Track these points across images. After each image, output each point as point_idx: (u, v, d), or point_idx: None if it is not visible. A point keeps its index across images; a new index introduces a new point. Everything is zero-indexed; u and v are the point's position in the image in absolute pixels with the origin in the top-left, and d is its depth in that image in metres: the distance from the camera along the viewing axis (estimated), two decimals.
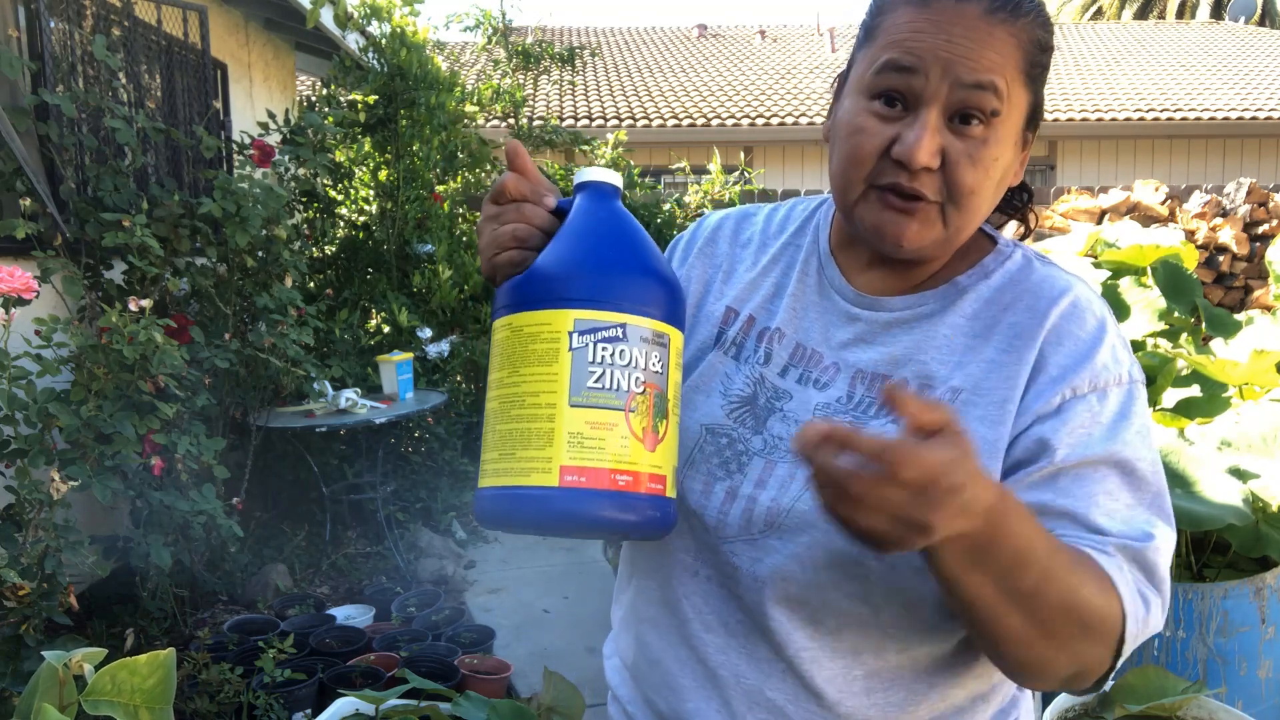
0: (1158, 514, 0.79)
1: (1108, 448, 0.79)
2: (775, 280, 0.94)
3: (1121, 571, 0.75)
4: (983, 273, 0.87)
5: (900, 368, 0.84)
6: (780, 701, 0.84)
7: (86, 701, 0.76)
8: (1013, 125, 0.81)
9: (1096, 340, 0.82)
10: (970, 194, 0.80)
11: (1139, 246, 3.49)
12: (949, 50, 0.77)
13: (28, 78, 3.13)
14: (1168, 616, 2.34)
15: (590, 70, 13.52)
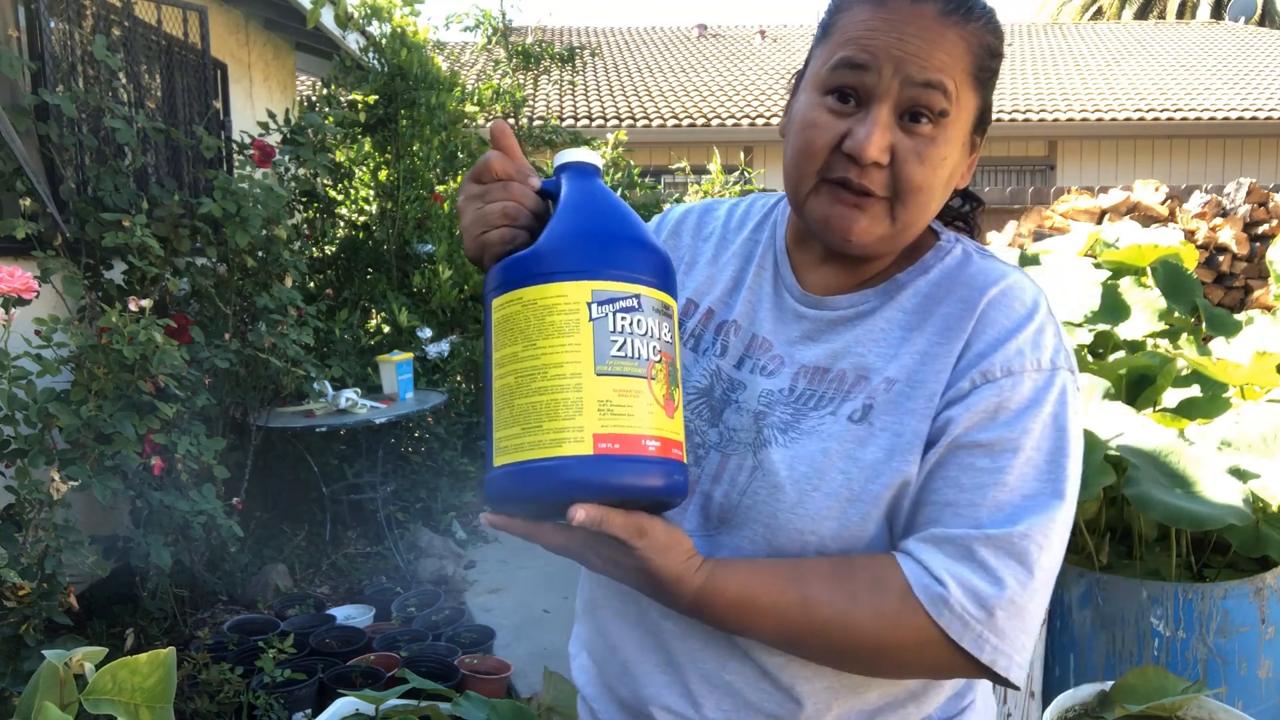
0: (1051, 498, 0.79)
1: (1004, 433, 0.79)
2: (734, 274, 0.96)
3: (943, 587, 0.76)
4: (922, 268, 0.89)
5: (839, 361, 0.87)
6: (737, 684, 0.86)
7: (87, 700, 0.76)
8: (961, 127, 0.83)
9: (1019, 327, 0.83)
10: (917, 191, 0.81)
11: (1139, 246, 3.49)
12: (901, 49, 0.79)
13: (28, 78, 3.13)
14: (1167, 617, 2.34)
15: (590, 70, 13.52)
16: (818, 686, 0.85)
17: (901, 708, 0.87)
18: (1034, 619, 0.79)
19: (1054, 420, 0.81)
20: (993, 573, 0.76)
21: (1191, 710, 2.07)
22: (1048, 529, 0.78)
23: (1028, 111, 11.88)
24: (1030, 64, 14.33)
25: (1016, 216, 6.67)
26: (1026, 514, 0.78)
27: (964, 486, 0.79)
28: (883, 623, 0.77)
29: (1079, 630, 2.46)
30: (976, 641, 0.76)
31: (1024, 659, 0.78)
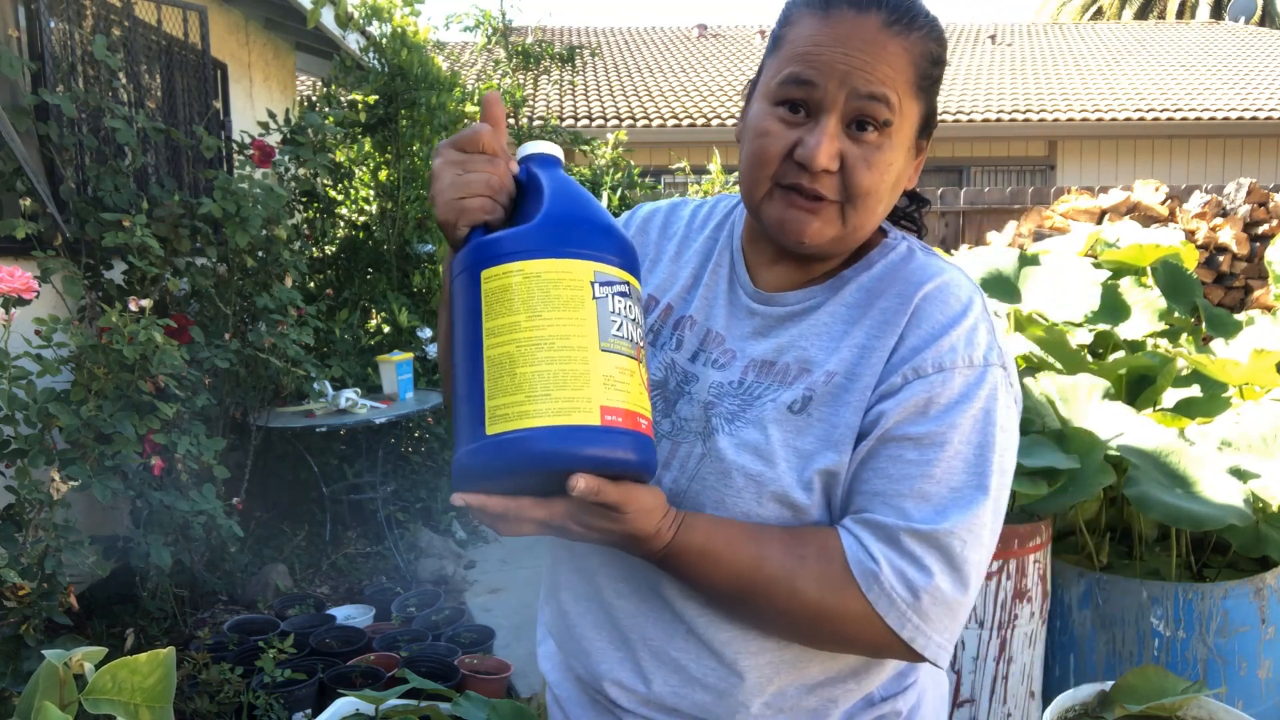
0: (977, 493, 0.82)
1: (933, 428, 0.83)
2: (693, 271, 1.01)
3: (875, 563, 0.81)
4: (867, 264, 0.93)
5: (784, 354, 0.91)
6: (684, 660, 0.90)
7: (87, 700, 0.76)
8: (905, 134, 0.88)
9: (952, 323, 0.86)
10: (866, 194, 0.86)
11: (1139, 246, 3.49)
12: (846, 63, 0.84)
13: (28, 78, 3.13)
14: (1167, 617, 2.34)
15: (590, 70, 13.52)
16: (760, 661, 0.88)
17: (842, 683, 0.91)
18: (961, 608, 0.83)
19: (984, 415, 0.84)
20: (918, 561, 0.81)
21: (1191, 710, 2.07)
22: (972, 525, 0.81)
23: (1028, 111, 11.88)
24: (1030, 64, 14.33)
25: (1016, 216, 6.67)
26: (953, 509, 0.81)
27: (892, 477, 0.83)
28: (824, 588, 0.81)
29: (1079, 630, 2.46)
30: (900, 619, 0.81)
31: (946, 641, 0.83)
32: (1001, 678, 2.34)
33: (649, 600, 0.91)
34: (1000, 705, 2.35)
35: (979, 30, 16.92)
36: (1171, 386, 2.93)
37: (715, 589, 0.84)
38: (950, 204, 7.77)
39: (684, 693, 0.90)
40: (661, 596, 0.91)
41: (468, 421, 0.76)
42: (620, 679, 0.93)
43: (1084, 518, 2.70)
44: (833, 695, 0.91)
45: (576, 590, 0.98)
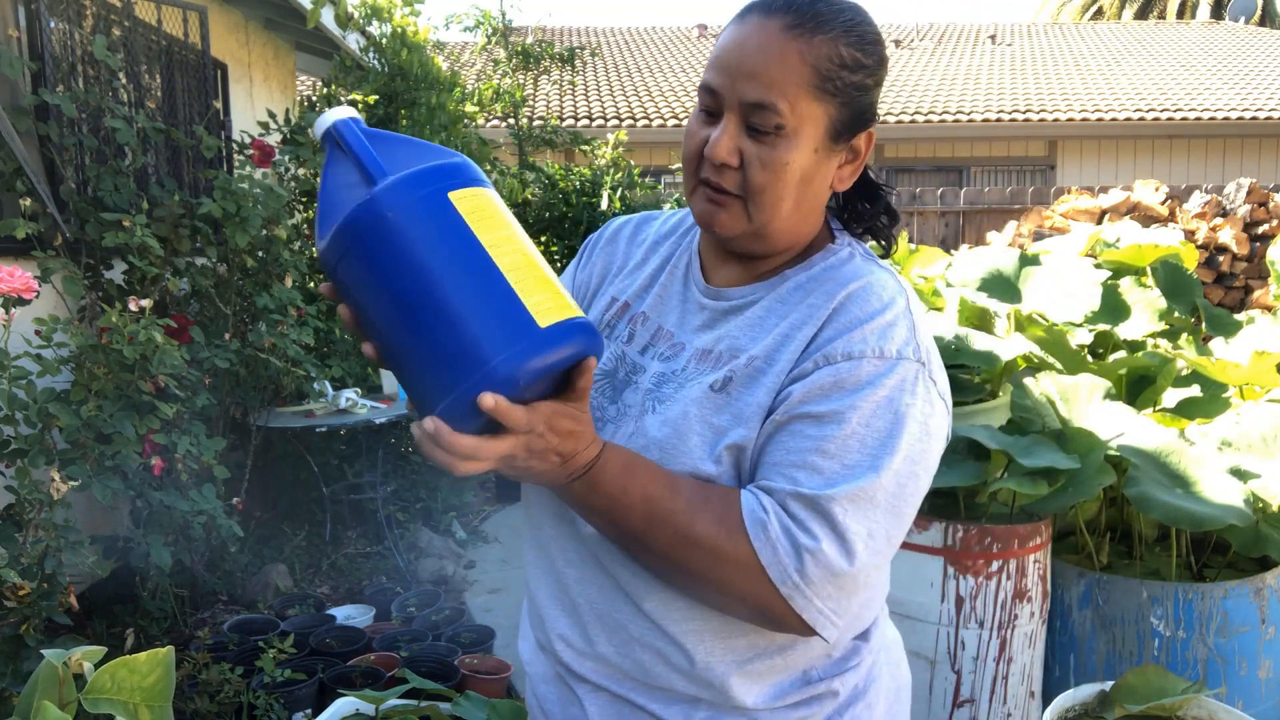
0: (869, 471, 0.86)
1: (834, 406, 0.87)
2: (652, 272, 1.07)
3: (765, 514, 0.85)
4: (808, 265, 0.98)
5: (719, 343, 0.97)
6: (624, 621, 0.96)
7: (86, 700, 0.76)
8: (806, 136, 0.91)
9: (868, 318, 0.91)
10: (761, 191, 0.91)
11: (1139, 246, 3.50)
12: (739, 68, 0.90)
13: (28, 78, 3.13)
14: (1167, 617, 2.34)
15: (590, 70, 13.51)
16: (686, 629, 0.93)
17: (769, 658, 0.95)
18: (849, 580, 0.85)
19: (887, 403, 0.87)
20: (803, 524, 0.85)
21: (1191, 710, 2.07)
22: (856, 495, 0.85)
23: (1028, 111, 11.88)
24: (1030, 64, 14.33)
25: (1016, 216, 6.67)
26: (840, 481, 0.85)
27: (789, 449, 0.88)
28: (720, 530, 0.86)
29: (1079, 630, 2.46)
30: (781, 573, 0.84)
31: (830, 610, 0.86)
32: (1001, 678, 2.34)
33: (592, 567, 0.98)
34: (1000, 705, 2.35)
35: (979, 30, 16.92)
36: (1171, 387, 2.93)
37: (624, 512, 0.87)
38: (950, 204, 7.77)
39: (625, 651, 0.96)
40: (602, 563, 0.96)
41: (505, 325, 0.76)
42: (570, 639, 1.00)
43: (1084, 518, 2.70)
44: (761, 669, 0.95)
45: (536, 565, 1.06)
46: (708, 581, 0.88)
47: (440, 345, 0.76)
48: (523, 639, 1.14)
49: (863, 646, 1.01)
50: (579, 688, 1.00)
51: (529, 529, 1.07)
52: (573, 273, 1.16)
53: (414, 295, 0.76)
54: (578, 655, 1.00)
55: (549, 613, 1.03)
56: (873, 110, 0.96)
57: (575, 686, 1.01)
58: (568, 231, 6.28)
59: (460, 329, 0.76)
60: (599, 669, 0.98)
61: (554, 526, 1.01)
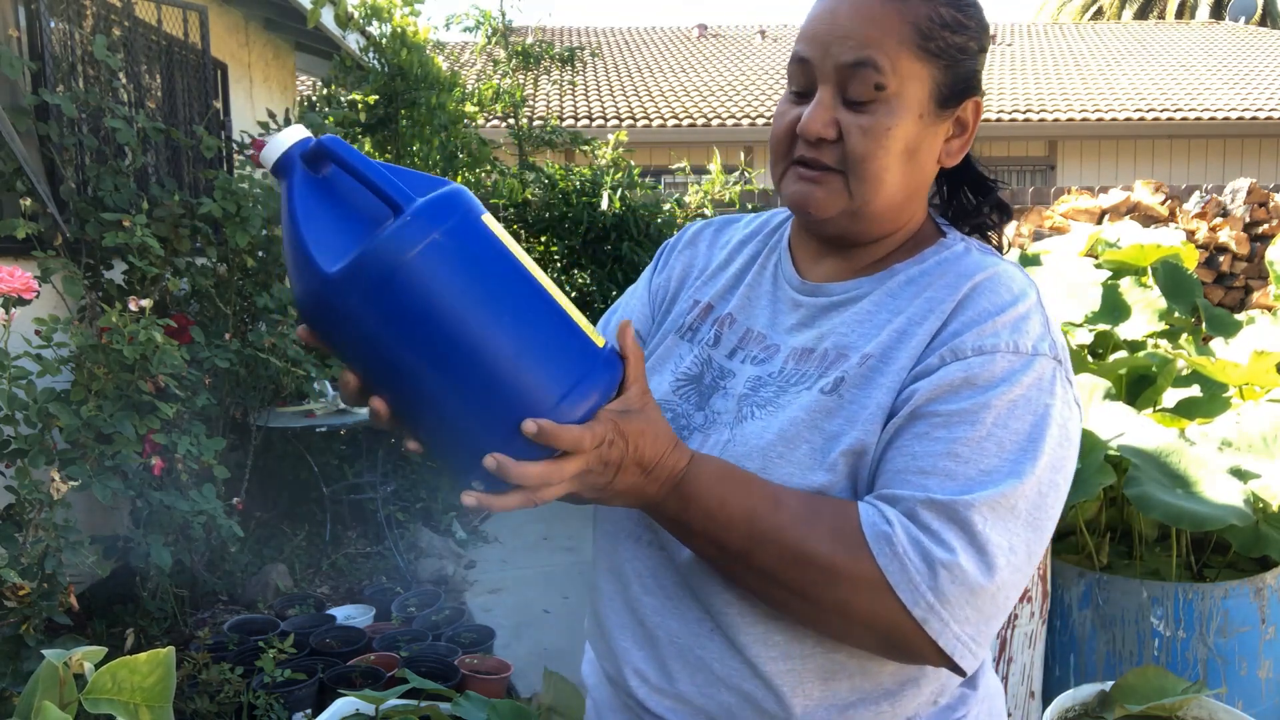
0: (1008, 476, 0.77)
1: (967, 406, 0.78)
2: (737, 273, 1.01)
3: (889, 526, 0.76)
4: (919, 260, 0.91)
5: (823, 341, 0.89)
6: (708, 659, 0.87)
7: (87, 700, 0.76)
8: (909, 98, 0.85)
9: (999, 310, 0.82)
10: (864, 160, 0.85)
11: (1139, 246, 3.49)
12: (831, 33, 0.85)
13: (28, 78, 3.13)
14: (1168, 617, 2.34)
15: (590, 70, 13.51)
16: (783, 668, 0.84)
17: (875, 704, 0.86)
18: (987, 597, 0.75)
19: (1025, 402, 0.79)
20: (936, 535, 0.75)
21: (1192, 710, 2.07)
22: (997, 504, 0.75)
23: (1028, 111, 11.88)
24: (1030, 64, 14.33)
25: (1016, 216, 6.66)
26: (977, 488, 0.76)
27: (915, 455, 0.79)
28: (837, 545, 0.76)
29: (1079, 630, 2.46)
30: (913, 593, 0.74)
31: (968, 635, 0.75)
32: (1001, 678, 2.34)
33: (674, 596, 0.89)
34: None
35: None
36: (1171, 387, 2.93)
37: (725, 528, 0.78)
38: None
39: (710, 693, 0.87)
40: (688, 591, 0.88)
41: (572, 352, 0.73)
42: (646, 675, 0.91)
43: (1084, 518, 2.70)
44: (865, 716, 0.86)
45: (609, 592, 0.96)
46: (825, 606, 0.78)
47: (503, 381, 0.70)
48: (587, 663, 1.06)
49: (971, 696, 0.92)
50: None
51: (601, 553, 0.98)
52: (649, 278, 1.08)
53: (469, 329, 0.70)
54: (654, 692, 0.90)
55: (622, 644, 0.93)
56: (978, 78, 0.89)
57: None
58: (568, 231, 6.27)
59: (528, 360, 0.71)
60: (677, 708, 0.89)
61: (632, 549, 0.93)
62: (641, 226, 6.11)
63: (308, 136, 0.74)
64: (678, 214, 6.24)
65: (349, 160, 0.72)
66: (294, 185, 0.73)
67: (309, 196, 0.73)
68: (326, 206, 0.73)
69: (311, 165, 0.73)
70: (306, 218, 0.71)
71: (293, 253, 0.72)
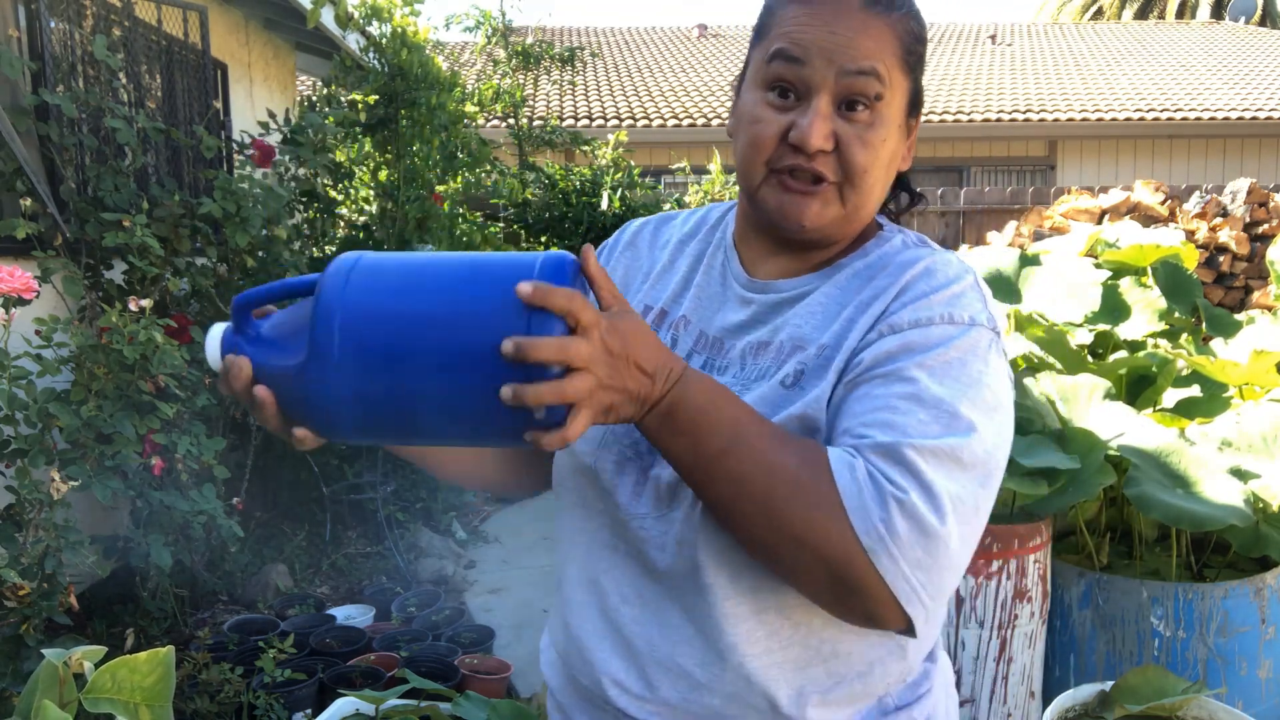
0: (946, 430, 0.78)
1: (902, 364, 0.81)
2: (684, 274, 1.01)
3: (853, 457, 0.77)
4: (863, 253, 0.93)
5: (778, 334, 0.91)
6: (689, 666, 0.88)
7: (87, 699, 0.76)
8: (895, 109, 0.88)
9: (936, 289, 0.86)
10: (864, 173, 0.87)
11: (1139, 246, 3.49)
12: (831, 41, 0.85)
13: (28, 78, 3.13)
14: (1167, 617, 2.34)
15: (590, 70, 13.51)
16: (765, 663, 0.86)
17: (849, 685, 0.89)
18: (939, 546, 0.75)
19: (960, 364, 0.81)
20: (886, 474, 0.76)
21: (1192, 710, 2.07)
22: (938, 450, 0.77)
23: (1028, 111, 11.88)
24: (1030, 64, 14.33)
25: (1016, 216, 6.67)
26: (916, 435, 0.77)
27: (857, 413, 0.81)
28: (804, 463, 0.77)
29: (1079, 630, 2.46)
30: (865, 519, 0.75)
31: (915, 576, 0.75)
32: (1001, 678, 2.34)
33: (653, 605, 0.90)
34: (1000, 705, 2.35)
35: (979, 30, 16.92)
36: (1171, 387, 2.93)
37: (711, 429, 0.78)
38: (950, 204, 7.76)
39: (693, 698, 0.89)
40: (668, 599, 0.89)
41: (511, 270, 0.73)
42: (626, 684, 0.91)
43: (1084, 518, 2.70)
44: (840, 698, 0.89)
45: (583, 602, 0.96)
46: (783, 521, 0.77)
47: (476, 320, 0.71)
48: (549, 664, 1.05)
49: (933, 669, 0.95)
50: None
51: (572, 565, 0.97)
52: None
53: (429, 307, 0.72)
54: (636, 700, 0.91)
55: (598, 654, 0.93)
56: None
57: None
58: (568, 231, 6.28)
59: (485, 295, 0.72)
60: (662, 713, 0.90)
61: (609, 559, 0.93)
62: None
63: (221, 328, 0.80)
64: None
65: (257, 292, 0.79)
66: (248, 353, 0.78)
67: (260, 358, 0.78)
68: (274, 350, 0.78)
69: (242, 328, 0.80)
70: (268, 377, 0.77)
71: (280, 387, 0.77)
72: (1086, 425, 2.54)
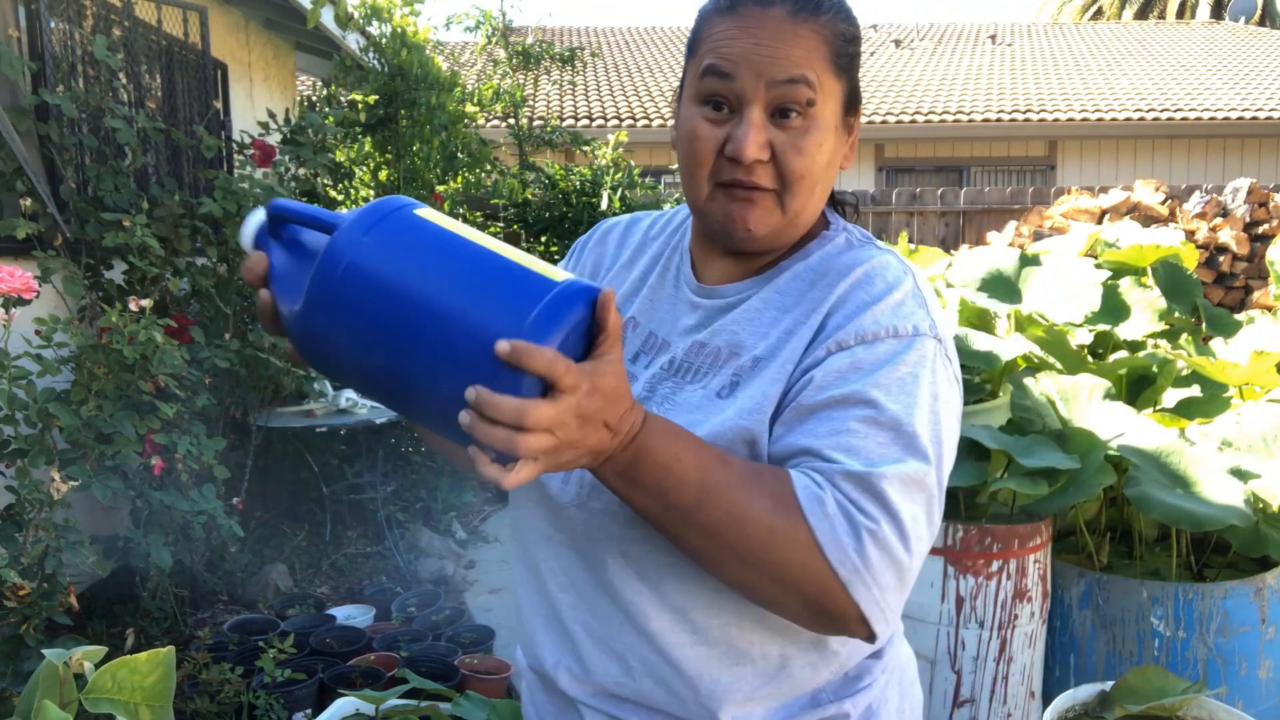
0: (906, 452, 0.80)
1: (856, 387, 0.82)
2: (640, 275, 1.04)
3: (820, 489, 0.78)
4: (804, 254, 0.95)
5: (715, 338, 0.93)
6: (622, 650, 0.91)
7: (87, 699, 0.76)
8: (830, 112, 0.89)
9: (876, 299, 0.87)
10: (801, 179, 0.88)
11: (1139, 246, 3.49)
12: (758, 53, 0.86)
13: (28, 78, 3.13)
14: (1168, 617, 2.34)
15: (590, 70, 13.51)
16: (691, 654, 0.89)
17: (778, 683, 0.91)
18: (904, 568, 0.78)
19: (912, 379, 0.83)
20: (857, 503, 0.77)
21: (1192, 710, 2.07)
22: (904, 477, 0.79)
23: (1028, 111, 11.88)
24: (1030, 64, 14.33)
25: (1016, 216, 6.67)
26: (881, 463, 0.79)
27: (819, 435, 0.82)
28: (777, 506, 0.78)
29: (1079, 630, 2.46)
30: (840, 554, 0.76)
31: (884, 599, 0.78)
32: (1001, 678, 2.34)
33: (585, 593, 0.93)
34: (1000, 705, 2.35)
35: (979, 30, 16.92)
36: (1171, 387, 2.93)
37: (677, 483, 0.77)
38: (950, 204, 7.76)
39: (625, 681, 0.92)
40: (599, 587, 0.91)
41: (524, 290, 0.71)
42: (567, 666, 0.95)
43: (1084, 518, 2.70)
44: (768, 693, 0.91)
45: (529, 585, 1.00)
46: (761, 567, 0.78)
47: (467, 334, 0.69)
48: (519, 648, 1.10)
49: (875, 665, 0.97)
50: (579, 706, 0.97)
51: (518, 552, 1.01)
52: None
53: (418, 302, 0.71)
54: (574, 680, 0.95)
55: (542, 637, 0.98)
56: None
57: (575, 703, 0.97)
58: (568, 231, 6.28)
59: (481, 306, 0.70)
60: (596, 694, 0.94)
61: (545, 548, 0.96)
62: None
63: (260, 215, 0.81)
64: None
65: (290, 209, 0.79)
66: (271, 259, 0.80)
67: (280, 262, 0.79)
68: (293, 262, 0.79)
69: (275, 233, 0.81)
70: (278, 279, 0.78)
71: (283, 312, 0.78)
72: (1086, 425, 2.54)
